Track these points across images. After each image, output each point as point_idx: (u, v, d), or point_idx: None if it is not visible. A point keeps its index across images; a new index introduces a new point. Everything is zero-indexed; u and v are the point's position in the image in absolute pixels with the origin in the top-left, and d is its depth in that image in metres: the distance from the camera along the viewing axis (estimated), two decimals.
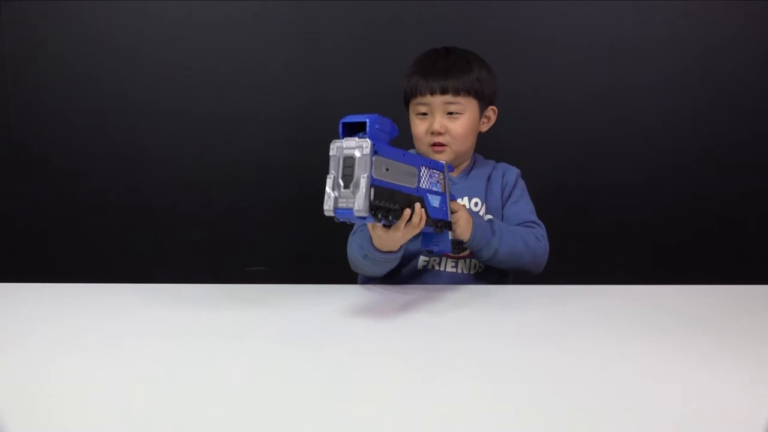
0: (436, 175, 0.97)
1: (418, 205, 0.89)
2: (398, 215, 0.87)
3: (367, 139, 0.81)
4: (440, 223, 0.97)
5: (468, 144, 1.16)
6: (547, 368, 0.68)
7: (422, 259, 1.14)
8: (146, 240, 1.67)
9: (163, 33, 1.59)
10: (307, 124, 1.63)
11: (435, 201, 0.95)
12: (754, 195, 1.66)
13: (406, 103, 1.18)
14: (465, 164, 1.20)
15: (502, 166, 1.23)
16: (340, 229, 1.29)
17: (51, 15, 1.57)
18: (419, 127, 1.15)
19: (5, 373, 0.66)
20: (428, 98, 1.12)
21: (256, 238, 1.68)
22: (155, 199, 1.66)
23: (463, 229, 1.03)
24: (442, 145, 1.13)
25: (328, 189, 0.82)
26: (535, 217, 1.17)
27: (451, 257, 1.13)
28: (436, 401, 0.60)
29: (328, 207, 0.82)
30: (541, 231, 1.14)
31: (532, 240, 1.10)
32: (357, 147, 0.81)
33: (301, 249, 1.69)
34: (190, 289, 1.01)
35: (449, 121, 1.12)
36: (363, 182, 0.80)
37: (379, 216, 0.83)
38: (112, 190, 1.65)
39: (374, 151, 0.81)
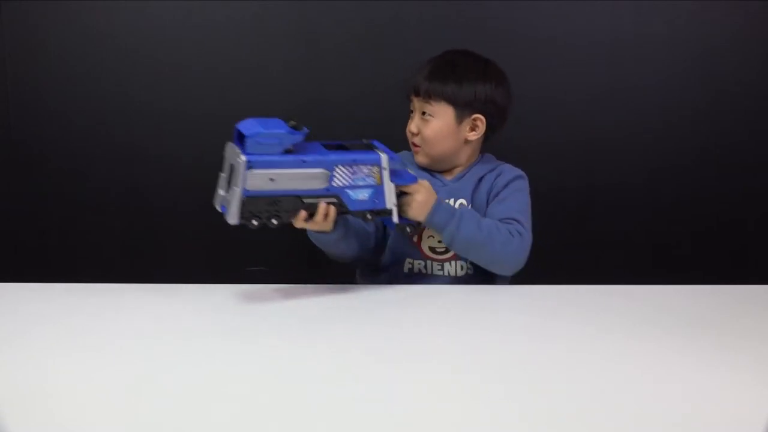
0: (366, 170, 1.00)
1: (322, 206, 0.96)
2: (288, 218, 0.95)
3: (243, 156, 0.89)
4: (371, 214, 1.01)
5: (440, 149, 1.15)
6: (547, 368, 0.68)
7: (407, 263, 1.14)
8: (146, 240, 1.67)
9: (163, 33, 1.59)
10: (307, 124, 1.62)
11: (360, 194, 0.99)
12: (753, 195, 1.66)
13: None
14: (459, 169, 1.19)
15: (504, 167, 1.20)
16: None
17: (51, 15, 1.57)
18: (408, 124, 1.17)
19: (5, 373, 0.66)
20: (413, 97, 1.15)
21: (256, 238, 1.67)
22: (155, 199, 1.65)
23: (416, 211, 1.03)
24: (417, 146, 1.16)
25: (218, 186, 0.94)
26: (520, 216, 1.11)
27: (436, 260, 1.13)
28: (436, 401, 0.60)
29: (215, 202, 0.95)
30: (519, 228, 1.08)
31: (502, 234, 1.06)
32: (238, 158, 0.90)
33: (301, 249, 1.69)
34: (190, 289, 1.01)
35: (423, 124, 1.14)
36: (236, 194, 0.90)
37: (254, 222, 0.93)
38: (112, 190, 1.65)
39: (248, 167, 0.90)
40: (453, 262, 1.13)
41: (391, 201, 1.01)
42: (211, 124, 1.63)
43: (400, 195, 1.03)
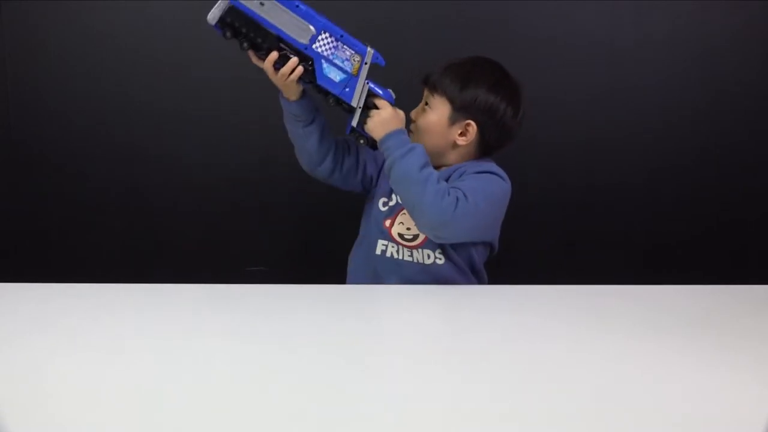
0: (348, 53, 1.02)
1: (294, 59, 0.99)
2: (263, 53, 0.99)
3: None
4: (333, 99, 1.03)
5: (425, 142, 1.11)
6: (546, 368, 0.68)
7: (381, 244, 1.15)
8: (146, 240, 1.67)
9: (163, 33, 1.59)
10: None
11: (332, 73, 1.01)
12: (753, 195, 1.66)
13: None
14: (443, 168, 1.15)
15: (489, 165, 1.14)
16: (341, 229, 1.29)
17: (51, 15, 1.57)
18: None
19: (5, 373, 0.66)
20: (423, 86, 1.17)
21: (256, 238, 1.68)
22: (155, 199, 1.65)
23: (375, 125, 1.06)
24: (411, 132, 1.16)
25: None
26: (469, 192, 1.03)
27: (406, 246, 1.13)
28: (435, 401, 0.60)
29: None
30: (460, 195, 1.02)
31: (440, 188, 1.01)
32: None
33: (301, 249, 1.69)
34: (190, 289, 1.01)
35: (421, 113, 1.16)
36: None
37: (227, 34, 0.97)
38: (112, 190, 1.65)
39: None
40: (420, 250, 1.12)
41: (357, 100, 1.03)
42: (211, 124, 1.64)
43: (371, 108, 1.06)
